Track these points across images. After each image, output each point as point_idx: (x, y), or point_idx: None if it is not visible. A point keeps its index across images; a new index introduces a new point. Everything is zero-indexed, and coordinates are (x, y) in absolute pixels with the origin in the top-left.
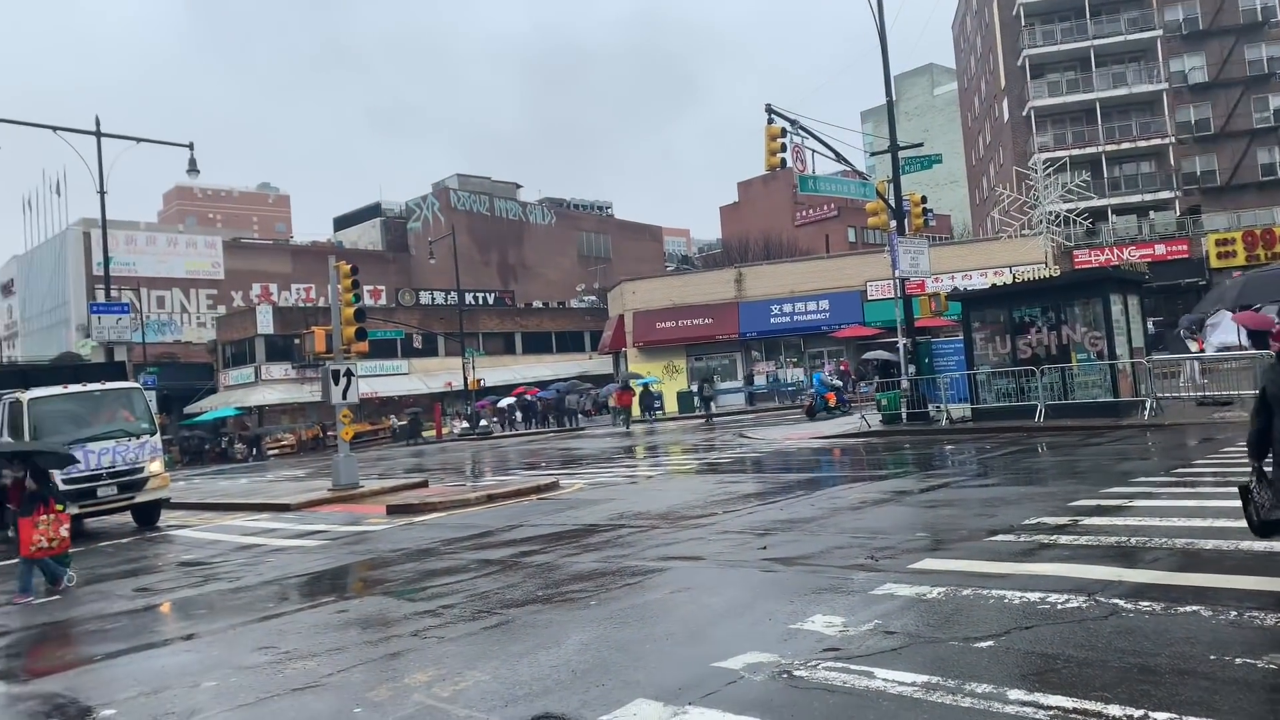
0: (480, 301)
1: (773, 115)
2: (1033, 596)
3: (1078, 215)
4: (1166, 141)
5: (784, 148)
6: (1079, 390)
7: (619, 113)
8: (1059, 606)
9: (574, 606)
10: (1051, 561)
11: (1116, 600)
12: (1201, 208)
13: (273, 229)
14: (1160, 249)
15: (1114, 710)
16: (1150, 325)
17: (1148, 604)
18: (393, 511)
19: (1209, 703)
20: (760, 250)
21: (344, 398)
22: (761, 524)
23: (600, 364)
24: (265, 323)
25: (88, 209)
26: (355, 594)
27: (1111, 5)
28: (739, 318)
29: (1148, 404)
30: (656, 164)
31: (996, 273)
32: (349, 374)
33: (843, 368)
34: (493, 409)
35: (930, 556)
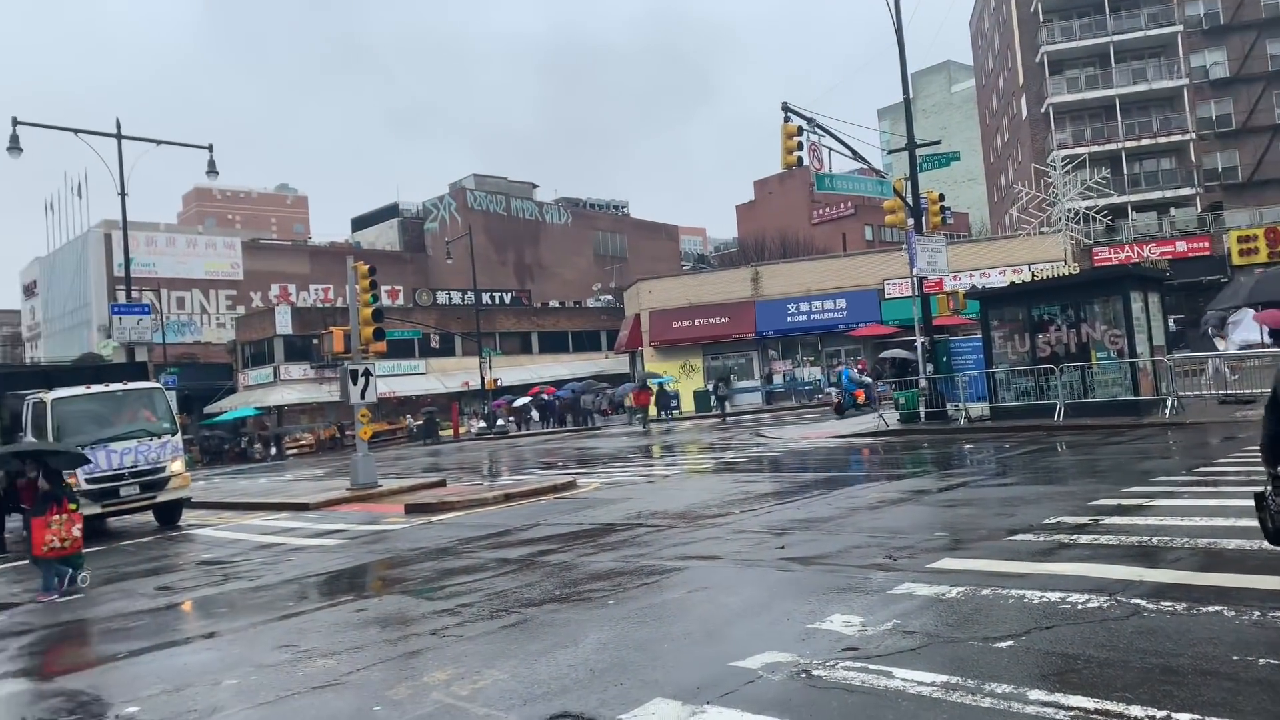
0: (497, 301)
1: (789, 113)
2: (1053, 596)
3: (1097, 212)
4: (1187, 137)
5: (801, 146)
6: (1099, 389)
7: (635, 111)
8: (1079, 606)
9: (592, 606)
10: (1072, 561)
11: (1138, 600)
12: (1223, 204)
13: (291, 230)
14: (1181, 246)
15: (1136, 711)
16: (1171, 323)
17: (1170, 604)
18: (411, 511)
19: (1232, 704)
20: (777, 249)
21: (362, 397)
22: (779, 523)
23: (617, 363)
24: (284, 323)
25: (108, 210)
26: (374, 593)
27: (1131, 0)
28: (755, 317)
29: (1169, 402)
30: (672, 163)
31: (1015, 271)
32: (367, 374)
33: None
34: (508, 409)
35: (949, 556)
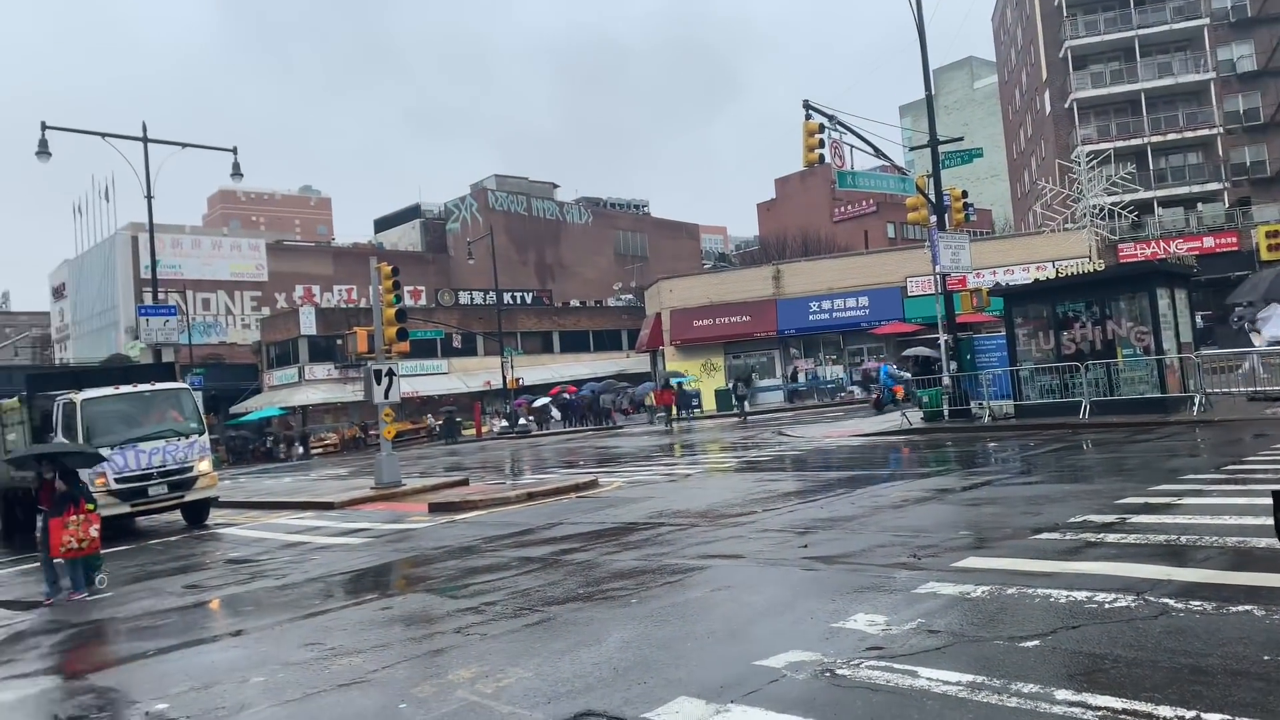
0: (518, 301)
1: (810, 111)
2: (1079, 595)
3: (1123, 208)
4: (1214, 132)
5: (822, 143)
6: (1125, 386)
7: (655, 110)
8: (1106, 606)
9: (615, 604)
10: (1098, 560)
11: (1166, 599)
12: (1251, 199)
13: (314, 231)
14: (1209, 241)
15: (1164, 711)
16: (1199, 319)
17: (1198, 603)
18: (434, 509)
19: (1263, 704)
20: (798, 247)
21: (386, 397)
22: (802, 522)
23: (638, 362)
24: (308, 324)
25: (135, 213)
26: (398, 591)
27: None
28: (777, 315)
29: (1197, 399)
30: (693, 161)
31: (1039, 267)
32: (391, 374)
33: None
34: (528, 408)
35: (974, 555)
